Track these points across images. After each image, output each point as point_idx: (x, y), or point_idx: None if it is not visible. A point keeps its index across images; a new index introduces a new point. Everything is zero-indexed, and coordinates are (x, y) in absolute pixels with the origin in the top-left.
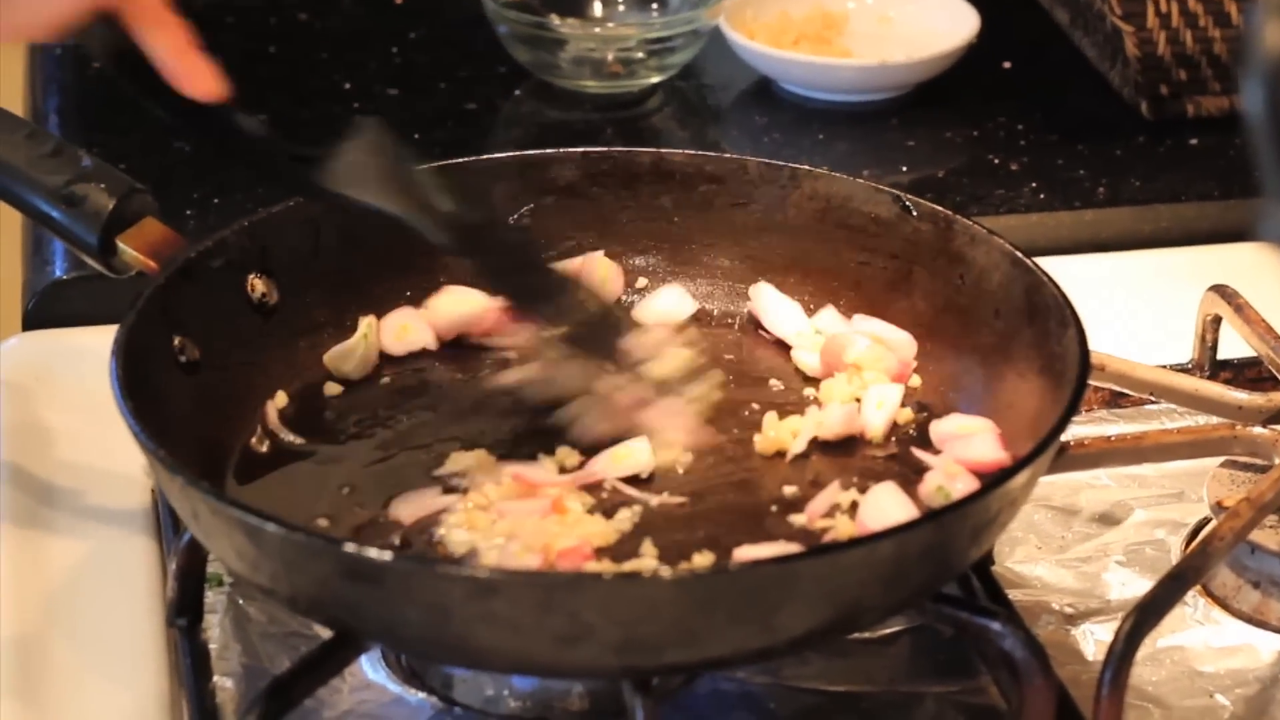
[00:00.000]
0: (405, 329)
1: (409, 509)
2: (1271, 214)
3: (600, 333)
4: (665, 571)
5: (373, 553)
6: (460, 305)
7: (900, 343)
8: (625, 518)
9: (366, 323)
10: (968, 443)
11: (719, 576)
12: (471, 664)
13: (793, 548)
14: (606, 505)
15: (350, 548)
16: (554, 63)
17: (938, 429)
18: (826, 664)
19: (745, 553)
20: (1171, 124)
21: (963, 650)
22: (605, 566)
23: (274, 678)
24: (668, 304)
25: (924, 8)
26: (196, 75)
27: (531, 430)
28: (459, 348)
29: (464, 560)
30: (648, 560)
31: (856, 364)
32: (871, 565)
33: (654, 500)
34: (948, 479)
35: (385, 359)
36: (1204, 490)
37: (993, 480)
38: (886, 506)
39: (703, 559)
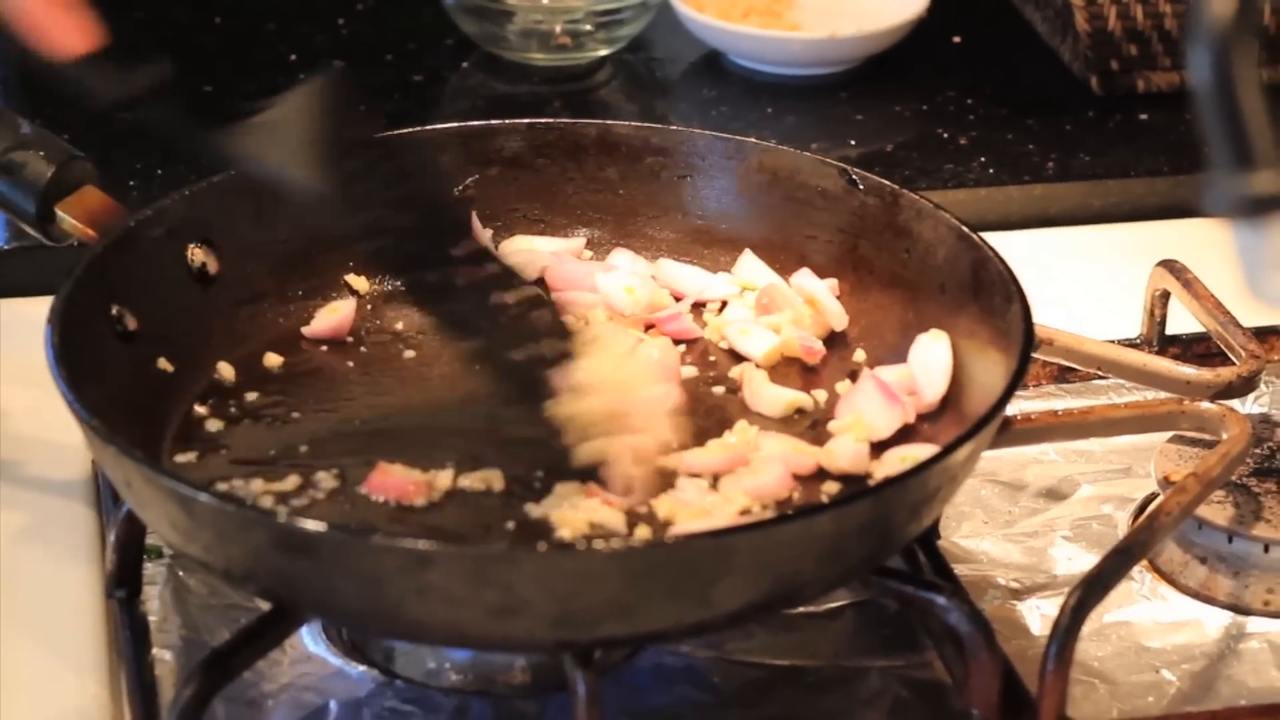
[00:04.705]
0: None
1: None
2: (1218, 185)
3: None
4: (600, 545)
5: (307, 524)
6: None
7: (833, 314)
8: None
9: None
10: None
11: (654, 550)
12: (407, 637)
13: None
14: None
15: (283, 519)
16: (501, 35)
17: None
18: (771, 638)
19: (683, 526)
20: (1121, 99)
21: (908, 625)
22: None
23: (212, 650)
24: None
25: None
26: (57, 31)
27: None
28: None
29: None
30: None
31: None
32: (809, 539)
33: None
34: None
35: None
36: (1151, 465)
37: (933, 456)
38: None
39: (641, 533)
